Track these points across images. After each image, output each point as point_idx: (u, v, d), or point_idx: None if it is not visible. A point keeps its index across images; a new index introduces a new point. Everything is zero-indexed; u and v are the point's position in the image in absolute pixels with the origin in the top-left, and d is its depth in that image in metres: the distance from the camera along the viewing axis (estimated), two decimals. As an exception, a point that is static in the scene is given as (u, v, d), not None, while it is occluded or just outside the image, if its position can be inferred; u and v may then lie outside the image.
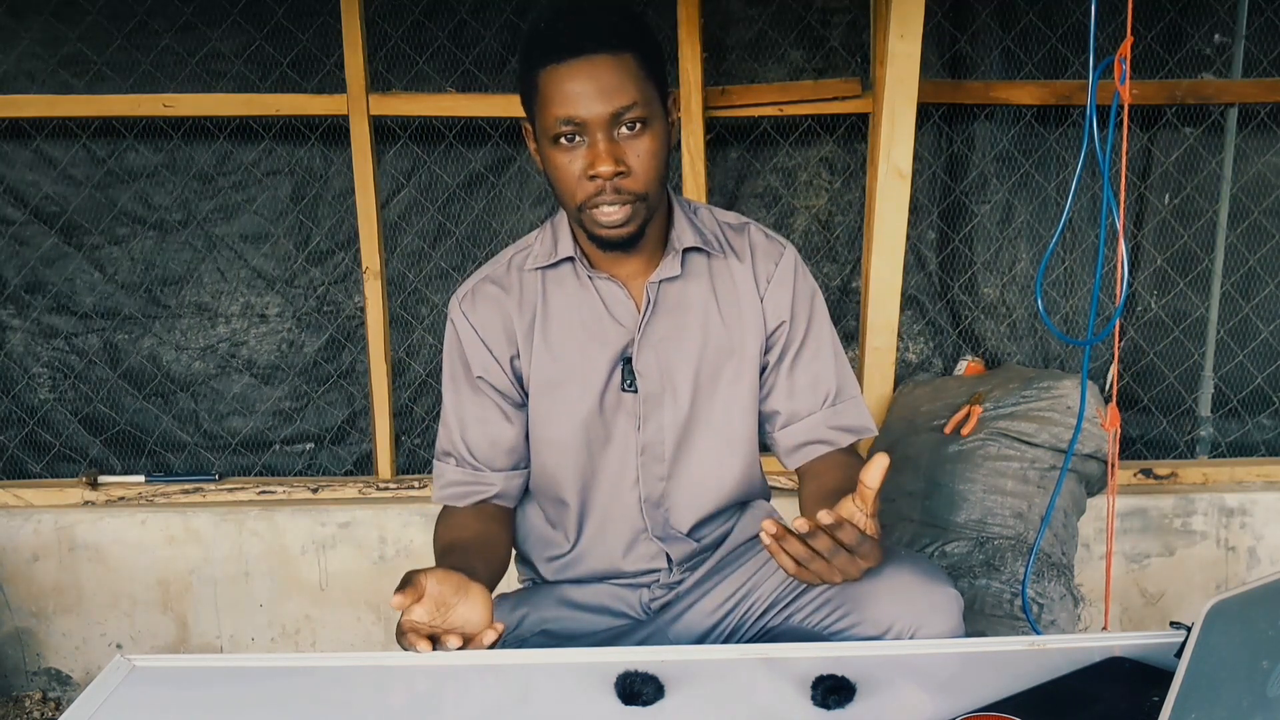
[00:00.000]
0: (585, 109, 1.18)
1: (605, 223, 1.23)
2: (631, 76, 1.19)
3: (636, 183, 1.22)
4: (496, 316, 1.35)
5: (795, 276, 1.38)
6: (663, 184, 1.27)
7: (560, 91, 1.18)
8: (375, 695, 1.06)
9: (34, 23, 2.37)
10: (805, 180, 2.53)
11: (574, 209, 1.25)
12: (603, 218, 1.23)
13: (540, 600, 1.41)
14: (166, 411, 2.56)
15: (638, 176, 1.22)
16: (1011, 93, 2.46)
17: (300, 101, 2.40)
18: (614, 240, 1.26)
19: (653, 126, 1.22)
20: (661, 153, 1.24)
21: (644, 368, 1.33)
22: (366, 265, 2.45)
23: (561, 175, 1.23)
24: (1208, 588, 2.50)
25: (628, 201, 1.22)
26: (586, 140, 1.20)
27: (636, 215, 1.24)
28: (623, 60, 1.19)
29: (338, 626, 2.50)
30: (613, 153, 1.19)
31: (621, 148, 1.20)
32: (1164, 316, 2.59)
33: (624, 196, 1.22)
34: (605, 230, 1.24)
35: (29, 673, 2.50)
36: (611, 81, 1.18)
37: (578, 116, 1.18)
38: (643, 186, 1.22)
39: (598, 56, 1.18)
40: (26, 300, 2.50)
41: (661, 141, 1.23)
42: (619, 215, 1.22)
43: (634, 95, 1.19)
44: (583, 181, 1.21)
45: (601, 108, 1.18)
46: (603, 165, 1.19)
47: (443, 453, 1.40)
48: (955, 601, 1.21)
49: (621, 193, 1.21)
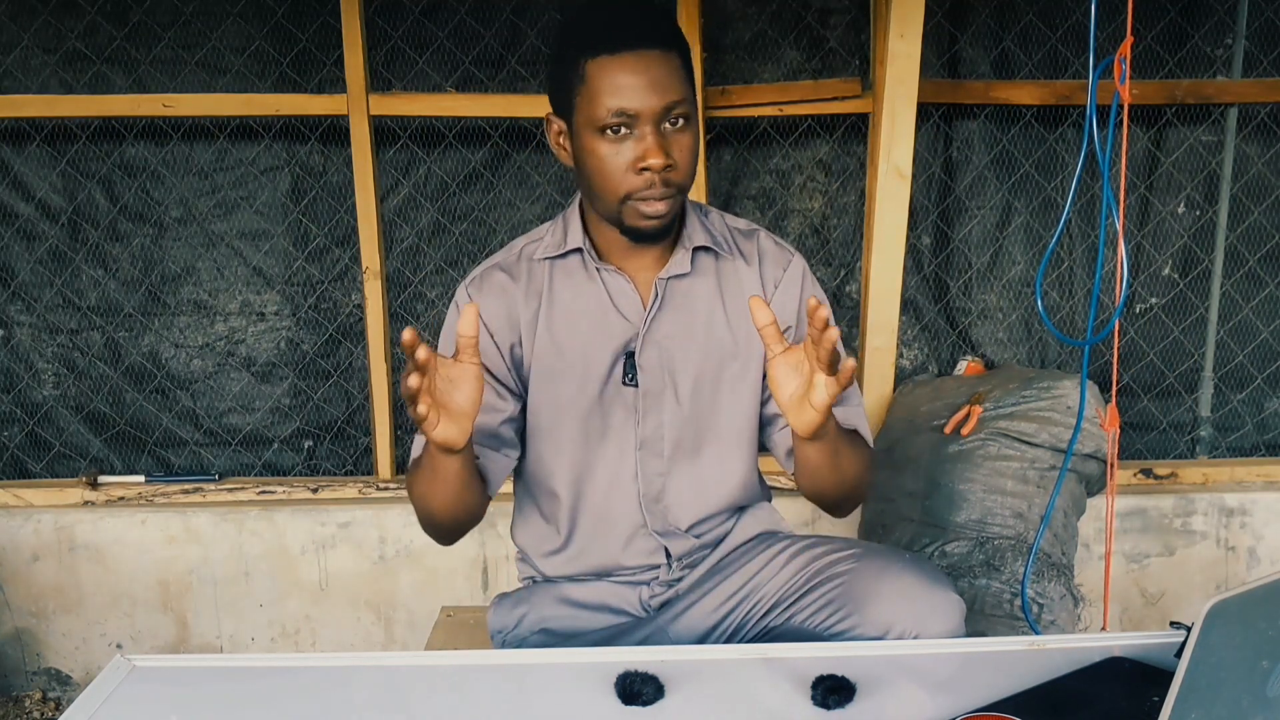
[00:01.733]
0: (640, 101, 1.20)
1: (650, 213, 1.25)
2: (678, 73, 1.23)
3: (681, 175, 1.25)
4: (502, 303, 1.35)
5: (803, 283, 1.39)
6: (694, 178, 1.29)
7: (613, 82, 1.20)
8: (375, 695, 1.06)
9: (34, 22, 2.36)
10: (800, 183, 2.53)
11: (615, 200, 1.25)
12: (648, 209, 1.24)
13: (540, 599, 1.41)
14: (166, 409, 2.56)
15: (681, 170, 1.24)
16: (1011, 93, 2.46)
17: (300, 101, 2.40)
18: (651, 231, 1.28)
19: (693, 123, 1.25)
20: (698, 149, 1.27)
21: (646, 363, 1.33)
22: (366, 264, 2.45)
23: (606, 166, 1.24)
24: (1208, 588, 2.50)
25: (671, 195, 1.25)
26: (635, 133, 1.22)
27: (674, 208, 1.27)
28: (670, 57, 1.22)
29: (338, 626, 2.50)
30: (663, 146, 1.22)
31: (669, 142, 1.22)
32: (1164, 317, 2.60)
33: (669, 190, 1.24)
34: (648, 221, 1.26)
35: (29, 673, 2.50)
36: (663, 76, 1.21)
37: (631, 108, 1.20)
38: (685, 179, 1.26)
39: (651, 51, 1.21)
40: (32, 296, 2.50)
41: (698, 138, 1.27)
42: (663, 208, 1.25)
43: (682, 92, 1.22)
44: (629, 174, 1.23)
45: (656, 101, 1.20)
46: (654, 158, 1.21)
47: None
48: (957, 605, 1.22)
49: (669, 185, 1.24)
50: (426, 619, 2.41)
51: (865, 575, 1.25)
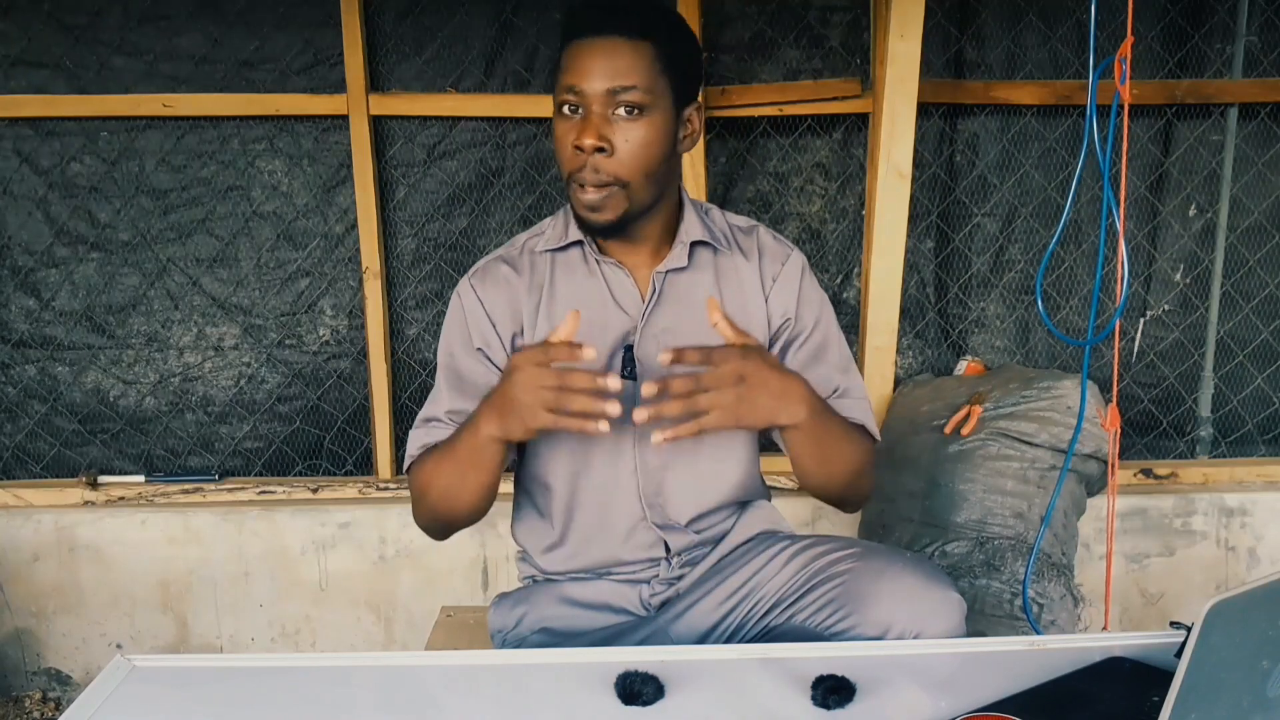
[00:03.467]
0: (586, 81, 1.21)
1: (583, 201, 1.25)
2: (642, 62, 1.22)
3: (619, 166, 1.23)
4: (504, 295, 1.35)
5: (801, 278, 1.39)
6: (652, 179, 1.26)
7: (572, 64, 1.23)
8: (375, 695, 1.06)
9: (34, 22, 2.36)
10: (799, 185, 2.53)
11: (566, 180, 1.28)
12: (581, 195, 1.25)
13: (540, 598, 1.41)
14: (167, 408, 2.56)
15: (621, 160, 1.23)
16: (1011, 93, 2.46)
17: (300, 101, 2.40)
18: (593, 225, 1.28)
19: (651, 116, 1.23)
20: (655, 146, 1.24)
21: (645, 356, 1.33)
22: (366, 265, 2.45)
23: (558, 145, 1.26)
24: (1208, 588, 2.50)
25: (605, 183, 1.24)
26: (581, 113, 1.23)
27: (614, 201, 1.25)
28: (637, 46, 1.22)
29: (338, 626, 2.50)
30: (599, 128, 1.22)
31: (612, 127, 1.22)
32: (1164, 316, 2.60)
33: (601, 177, 1.23)
34: (585, 211, 1.27)
35: (29, 673, 2.50)
36: (621, 63, 1.21)
37: (577, 86, 1.22)
38: (626, 172, 1.23)
39: (615, 38, 1.22)
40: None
41: (659, 133, 1.24)
42: (594, 196, 1.24)
43: (637, 80, 1.21)
44: (571, 154, 1.24)
45: (601, 83, 1.21)
46: (586, 137, 1.21)
47: (424, 419, 1.36)
48: (957, 605, 1.22)
49: (599, 172, 1.23)
50: (426, 619, 2.41)
51: (866, 575, 1.25)
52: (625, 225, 1.28)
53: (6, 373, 2.52)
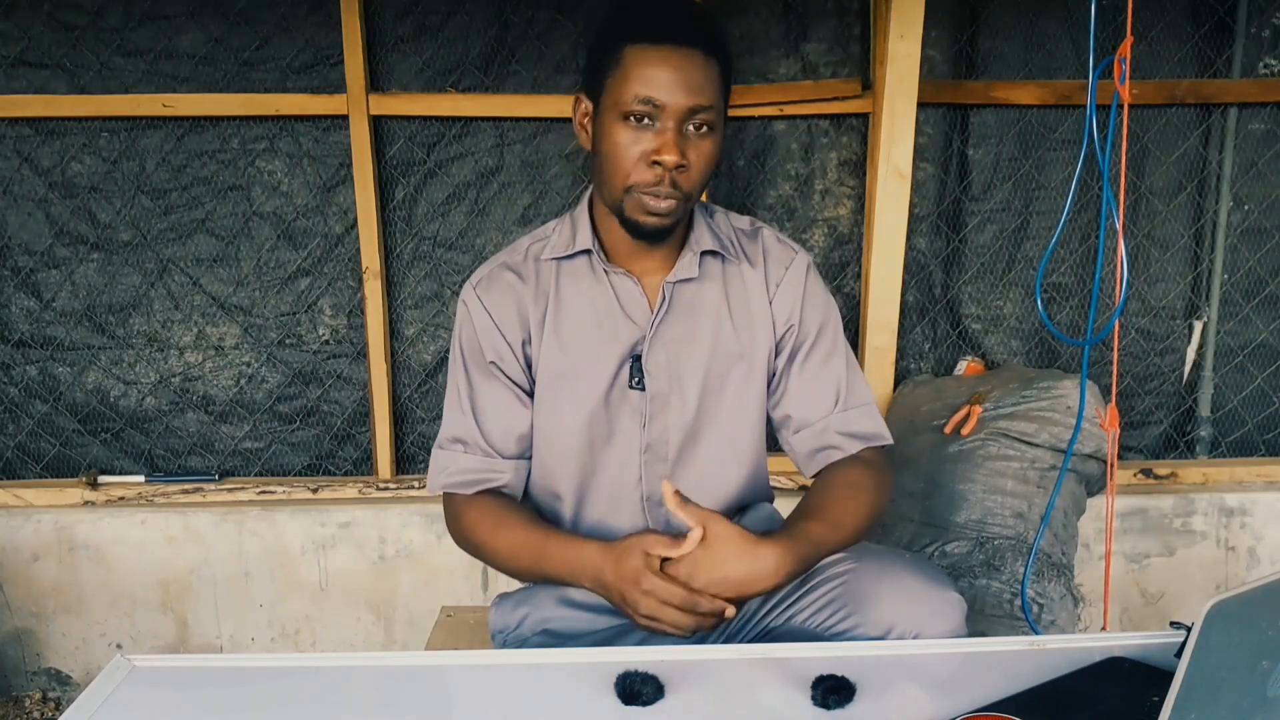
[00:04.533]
0: (669, 95, 1.20)
1: (652, 209, 1.24)
2: (714, 80, 1.23)
3: (690, 181, 1.24)
4: (511, 302, 1.35)
5: (806, 281, 1.39)
6: (704, 189, 1.29)
7: (648, 71, 1.20)
8: (375, 695, 1.06)
9: (34, 23, 2.36)
10: (798, 185, 2.53)
11: (620, 189, 1.25)
12: (652, 204, 1.24)
13: (541, 600, 1.41)
14: (169, 406, 2.56)
15: (692, 176, 1.24)
16: (1011, 93, 2.46)
17: (300, 101, 2.40)
18: (650, 229, 1.27)
19: (715, 134, 1.25)
20: (717, 160, 1.27)
21: (653, 367, 1.33)
22: (366, 265, 2.45)
23: (620, 153, 1.23)
24: (1208, 588, 2.50)
25: (677, 197, 1.24)
26: (657, 126, 1.21)
27: (678, 212, 1.26)
28: (710, 63, 1.22)
29: (338, 626, 2.50)
30: (681, 145, 1.21)
31: (688, 143, 1.22)
32: (1165, 316, 2.60)
33: (675, 192, 1.24)
34: (647, 217, 1.25)
35: (29, 673, 2.50)
36: (699, 79, 1.21)
37: (658, 99, 1.20)
38: (694, 187, 1.25)
39: (692, 51, 1.21)
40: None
41: (718, 151, 1.26)
42: (666, 206, 1.24)
43: (713, 98, 1.22)
44: (640, 165, 1.23)
45: (684, 99, 1.20)
46: (669, 154, 1.20)
47: (449, 439, 1.38)
48: (958, 605, 1.21)
49: (676, 186, 1.23)
50: (426, 619, 2.41)
51: (866, 575, 1.25)
52: (673, 231, 1.30)
53: (7, 373, 2.52)
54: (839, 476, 1.34)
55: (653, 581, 1.12)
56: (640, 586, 1.13)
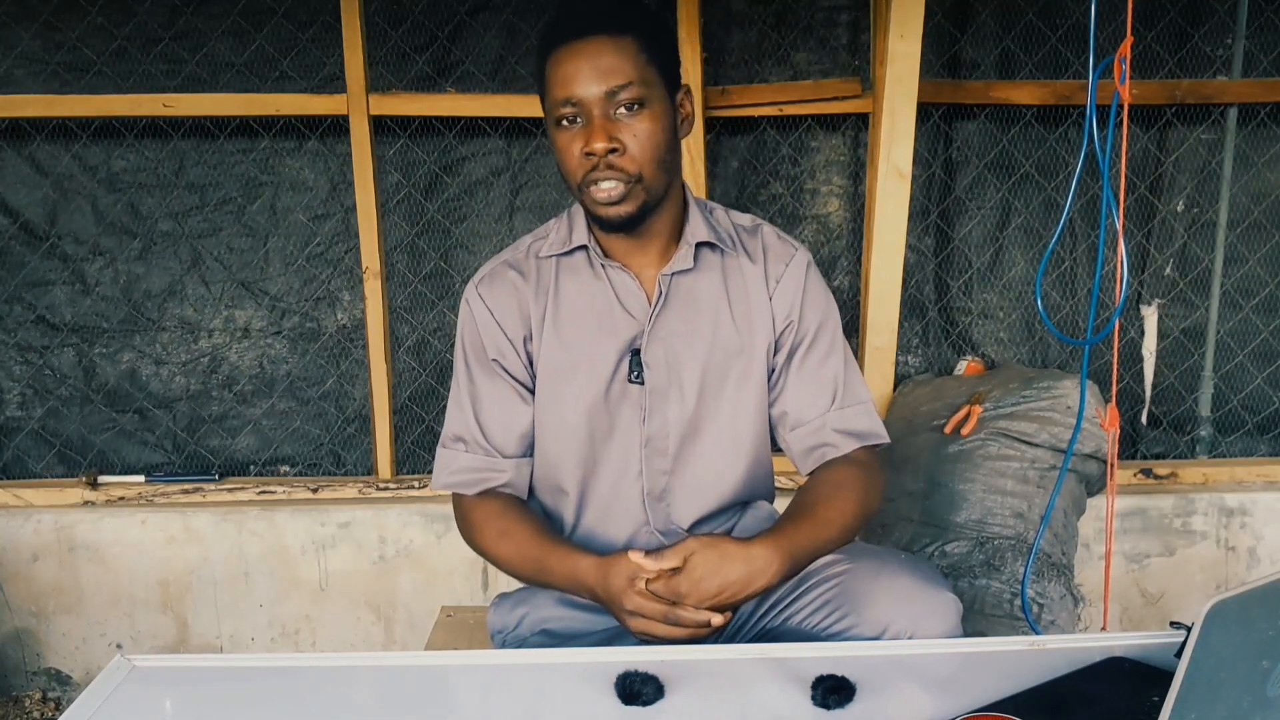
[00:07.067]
0: (581, 89, 1.21)
1: (601, 199, 1.24)
2: (630, 58, 1.22)
3: (632, 162, 1.23)
4: (512, 300, 1.35)
5: (806, 278, 1.38)
6: (663, 168, 1.27)
7: (561, 74, 1.22)
8: (375, 695, 1.06)
9: (33, 23, 2.36)
10: (798, 185, 2.53)
11: (575, 189, 1.27)
12: (599, 194, 1.24)
13: (540, 600, 1.41)
14: (165, 411, 2.56)
15: (633, 156, 1.23)
16: (1011, 93, 2.46)
17: (300, 101, 2.40)
18: (613, 220, 1.27)
19: (651, 108, 1.23)
20: (660, 135, 1.25)
21: (652, 360, 1.33)
22: (366, 265, 2.45)
23: (563, 157, 1.25)
24: (1208, 588, 2.50)
25: (621, 179, 1.24)
26: (583, 121, 1.23)
27: (633, 195, 1.25)
28: (621, 43, 1.22)
29: (338, 626, 2.50)
30: (607, 130, 1.21)
31: (618, 126, 1.22)
32: (1164, 317, 2.60)
33: (618, 174, 1.23)
34: (603, 208, 1.26)
35: (29, 673, 2.50)
36: (609, 62, 1.21)
37: (574, 96, 1.21)
38: (638, 167, 1.24)
39: (596, 38, 1.21)
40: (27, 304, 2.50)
41: (661, 124, 1.25)
42: (615, 191, 1.24)
43: (630, 75, 1.21)
44: (581, 162, 1.24)
45: (596, 87, 1.21)
46: (596, 142, 1.21)
47: (452, 438, 1.39)
48: (953, 605, 1.21)
49: (615, 169, 1.23)
50: (426, 619, 2.41)
51: (861, 575, 1.25)
52: (644, 217, 1.28)
53: (7, 373, 2.52)
54: (828, 476, 1.34)
55: (636, 601, 1.14)
56: (625, 606, 1.15)
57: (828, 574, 1.28)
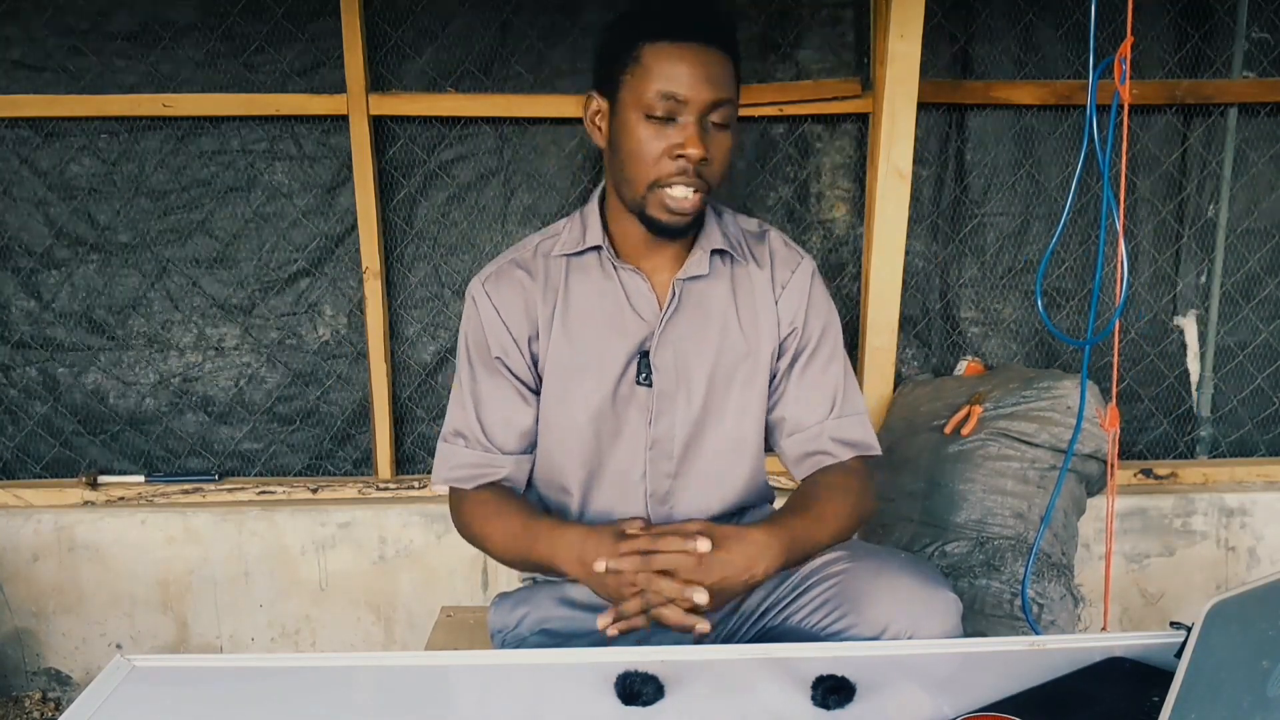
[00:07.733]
0: (691, 90, 1.22)
1: (675, 206, 1.26)
2: (732, 77, 1.25)
3: (713, 174, 1.26)
4: (519, 299, 1.36)
5: (810, 286, 1.40)
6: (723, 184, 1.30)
7: (671, 68, 1.22)
8: (375, 695, 1.06)
9: (34, 24, 2.36)
10: (799, 185, 2.53)
11: (644, 185, 1.27)
12: (675, 196, 1.25)
13: (540, 600, 1.41)
14: (171, 410, 2.56)
15: (714, 169, 1.26)
16: (1011, 93, 2.46)
17: (300, 101, 2.40)
18: (676, 226, 1.28)
19: (732, 129, 1.27)
20: (732, 156, 1.29)
21: (661, 363, 1.34)
22: (366, 265, 2.45)
23: (642, 150, 1.25)
24: (1208, 588, 2.50)
25: (702, 189, 1.26)
26: (679, 121, 1.23)
27: (699, 206, 1.28)
28: (726, 61, 1.25)
29: (338, 626, 2.50)
30: (703, 139, 1.23)
31: (709, 137, 1.24)
32: (1165, 316, 2.60)
33: (699, 183, 1.25)
34: (670, 214, 1.26)
35: (29, 673, 2.50)
36: (718, 74, 1.23)
37: (681, 94, 1.22)
38: (716, 179, 1.27)
39: (711, 48, 1.23)
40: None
41: (736, 145, 1.29)
42: (691, 201, 1.26)
43: (731, 93, 1.25)
44: (663, 160, 1.24)
45: (706, 94, 1.22)
46: (693, 148, 1.22)
47: (453, 433, 1.40)
48: (953, 605, 1.22)
49: (701, 178, 1.25)
50: (426, 619, 2.41)
51: (861, 575, 1.26)
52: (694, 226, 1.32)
53: (7, 374, 2.51)
54: (825, 479, 1.36)
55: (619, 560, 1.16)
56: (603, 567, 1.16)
57: (827, 573, 1.29)
